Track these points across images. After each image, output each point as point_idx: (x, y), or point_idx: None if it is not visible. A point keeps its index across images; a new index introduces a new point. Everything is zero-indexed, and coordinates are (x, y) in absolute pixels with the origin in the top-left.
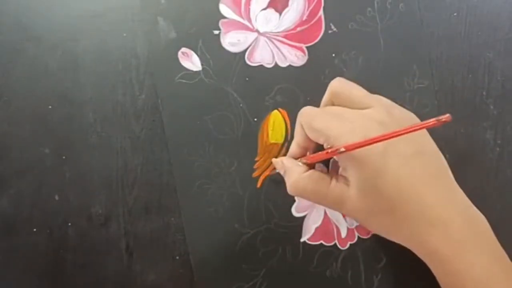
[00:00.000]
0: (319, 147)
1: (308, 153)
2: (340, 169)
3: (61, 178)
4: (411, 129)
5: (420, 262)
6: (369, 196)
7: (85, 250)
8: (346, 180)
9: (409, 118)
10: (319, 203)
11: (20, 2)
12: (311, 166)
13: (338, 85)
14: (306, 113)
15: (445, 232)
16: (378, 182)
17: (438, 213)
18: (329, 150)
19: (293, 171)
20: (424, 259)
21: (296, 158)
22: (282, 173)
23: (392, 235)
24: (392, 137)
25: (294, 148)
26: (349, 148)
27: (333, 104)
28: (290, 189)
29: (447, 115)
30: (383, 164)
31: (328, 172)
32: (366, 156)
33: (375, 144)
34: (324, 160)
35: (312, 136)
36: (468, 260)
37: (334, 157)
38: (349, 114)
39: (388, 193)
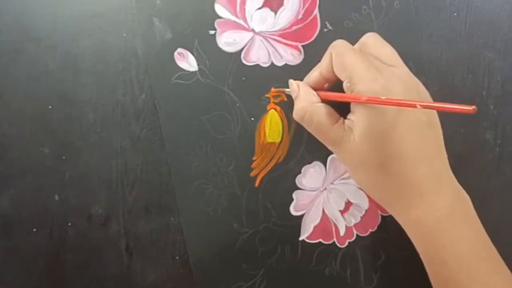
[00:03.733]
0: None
1: (326, 86)
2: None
3: (61, 178)
4: (442, 107)
5: (418, 260)
6: (370, 146)
7: (85, 250)
8: (352, 123)
9: (425, 91)
10: (318, 136)
11: (20, 2)
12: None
13: (371, 37)
14: (340, 45)
15: (431, 206)
16: (384, 136)
17: (429, 186)
18: (350, 95)
19: (306, 97)
20: (406, 228)
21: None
22: (293, 96)
23: (377, 192)
24: (426, 107)
25: (315, 75)
26: (370, 101)
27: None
28: (297, 114)
29: (473, 107)
30: (395, 121)
31: None
32: (381, 108)
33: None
34: (336, 102)
35: (337, 70)
36: (451, 236)
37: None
38: (378, 64)
39: (390, 149)
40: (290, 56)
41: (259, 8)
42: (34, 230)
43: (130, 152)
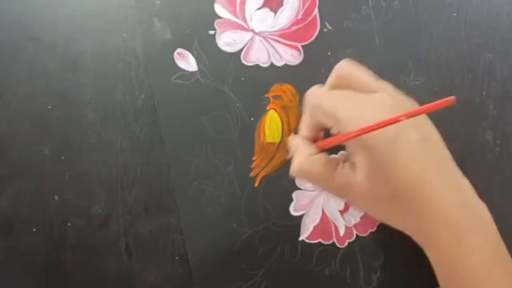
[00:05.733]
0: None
1: (321, 134)
2: (346, 155)
3: (61, 178)
4: (424, 109)
5: (418, 260)
6: (377, 181)
7: (85, 250)
8: (353, 165)
9: (412, 103)
10: (323, 186)
11: (20, 2)
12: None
13: (345, 67)
14: (314, 94)
15: (449, 221)
16: (388, 167)
17: (444, 202)
18: (344, 135)
19: (302, 151)
20: (424, 246)
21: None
22: (292, 153)
23: (395, 221)
24: (410, 116)
25: (305, 132)
26: (366, 131)
27: (338, 87)
28: (294, 169)
29: (452, 97)
30: (393, 149)
31: None
32: (376, 141)
33: (385, 130)
34: (334, 147)
35: (321, 120)
36: (468, 249)
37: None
38: (358, 97)
39: (397, 178)
40: (290, 56)
41: (259, 8)
42: (34, 230)
43: (130, 153)
